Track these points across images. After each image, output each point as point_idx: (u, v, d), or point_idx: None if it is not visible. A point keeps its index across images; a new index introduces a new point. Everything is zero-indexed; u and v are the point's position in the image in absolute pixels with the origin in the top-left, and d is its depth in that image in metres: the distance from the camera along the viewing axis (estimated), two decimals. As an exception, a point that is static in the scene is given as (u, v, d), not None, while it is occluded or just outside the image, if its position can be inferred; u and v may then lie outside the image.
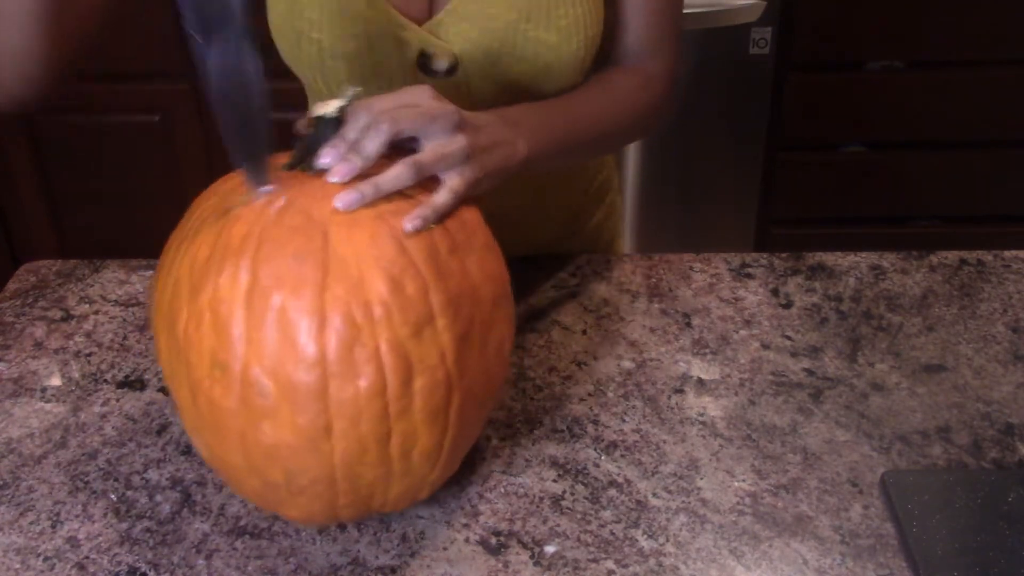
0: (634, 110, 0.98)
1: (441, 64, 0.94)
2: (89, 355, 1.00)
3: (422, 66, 0.94)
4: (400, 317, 0.69)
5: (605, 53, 1.00)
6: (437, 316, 0.71)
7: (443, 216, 0.74)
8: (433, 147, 0.76)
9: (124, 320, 1.05)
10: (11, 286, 1.11)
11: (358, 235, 0.70)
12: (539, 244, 1.14)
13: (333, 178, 0.73)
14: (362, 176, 0.73)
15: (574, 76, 0.97)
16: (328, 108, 0.75)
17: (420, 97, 0.77)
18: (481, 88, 0.96)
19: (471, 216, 0.77)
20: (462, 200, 0.77)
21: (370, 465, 0.72)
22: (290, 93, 1.03)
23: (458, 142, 0.76)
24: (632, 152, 2.12)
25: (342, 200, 0.72)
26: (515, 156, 0.83)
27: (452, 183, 0.76)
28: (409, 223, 0.72)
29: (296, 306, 0.68)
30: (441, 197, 0.74)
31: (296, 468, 0.72)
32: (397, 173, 0.73)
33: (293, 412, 0.70)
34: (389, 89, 0.95)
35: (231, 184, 0.77)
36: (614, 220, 1.22)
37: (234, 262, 0.70)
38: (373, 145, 0.73)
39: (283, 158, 0.78)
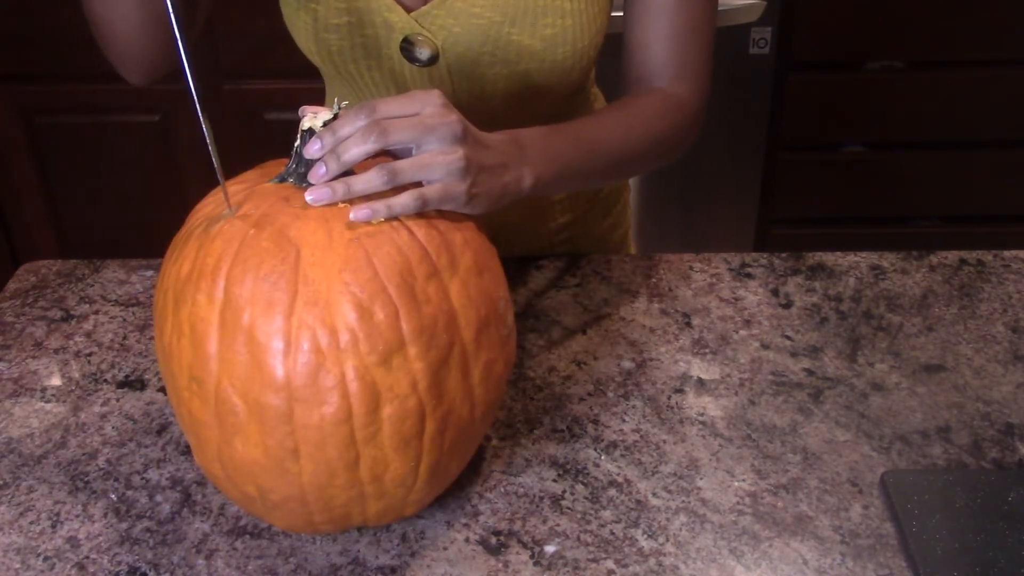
0: (656, 136, 0.94)
1: (422, 53, 0.94)
2: (89, 355, 1.00)
3: (405, 52, 0.94)
4: (367, 345, 0.68)
5: (631, 76, 0.97)
6: (408, 344, 0.69)
7: (397, 216, 0.72)
8: (419, 155, 0.73)
9: (124, 320, 1.05)
10: (11, 286, 1.11)
11: (331, 258, 0.69)
12: (538, 246, 1.14)
13: (312, 183, 0.72)
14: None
15: (562, 85, 0.96)
16: (316, 120, 0.74)
17: (426, 104, 0.74)
18: (462, 85, 0.95)
19: (459, 237, 0.74)
20: (435, 209, 0.74)
21: (340, 488, 0.72)
22: (300, 93, 1.04)
23: (451, 154, 0.73)
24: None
25: (312, 195, 0.71)
26: (520, 183, 0.80)
27: (426, 190, 0.72)
28: (355, 212, 0.70)
29: (265, 329, 0.68)
30: (402, 198, 0.71)
31: (267, 486, 0.72)
32: (369, 177, 0.71)
33: (262, 433, 0.69)
34: (377, 69, 0.96)
35: (229, 191, 0.76)
36: (620, 232, 1.22)
37: (210, 280, 0.70)
38: (354, 153, 0.71)
39: (279, 166, 0.78)
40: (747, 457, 0.86)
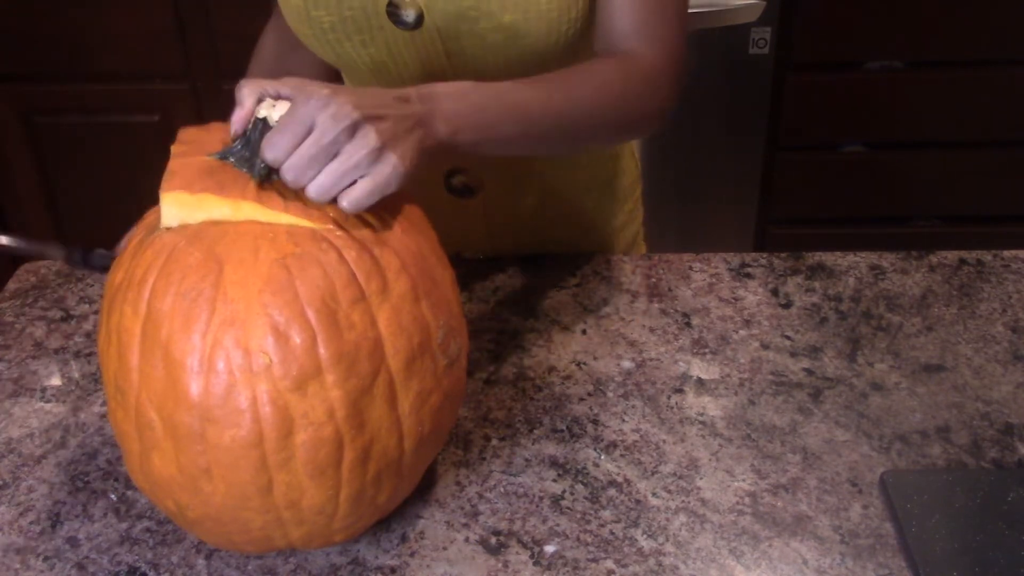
0: (615, 99, 0.89)
1: (408, 15, 0.93)
2: (89, 355, 1.00)
3: (392, 16, 0.94)
4: (281, 369, 0.67)
5: (599, 43, 0.94)
6: (326, 370, 0.68)
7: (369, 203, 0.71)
8: (342, 159, 0.71)
9: (124, 320, 1.05)
10: (11, 286, 1.11)
11: (252, 278, 0.68)
12: (550, 243, 1.13)
13: (287, 175, 0.70)
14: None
15: (554, 41, 0.93)
16: (273, 112, 0.73)
17: (323, 109, 0.71)
18: (453, 46, 0.94)
19: (396, 263, 0.72)
20: (375, 231, 0.72)
21: (255, 511, 0.70)
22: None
23: (365, 145, 0.71)
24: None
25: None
26: (433, 134, 0.76)
27: (353, 191, 0.71)
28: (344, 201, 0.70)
29: (181, 346, 0.67)
30: (357, 192, 0.70)
31: (184, 503, 0.71)
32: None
33: (176, 450, 0.69)
34: (372, 44, 0.95)
35: (173, 151, 0.75)
36: (632, 231, 1.21)
37: (136, 291, 0.69)
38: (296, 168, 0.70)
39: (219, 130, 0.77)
40: (747, 457, 0.86)
